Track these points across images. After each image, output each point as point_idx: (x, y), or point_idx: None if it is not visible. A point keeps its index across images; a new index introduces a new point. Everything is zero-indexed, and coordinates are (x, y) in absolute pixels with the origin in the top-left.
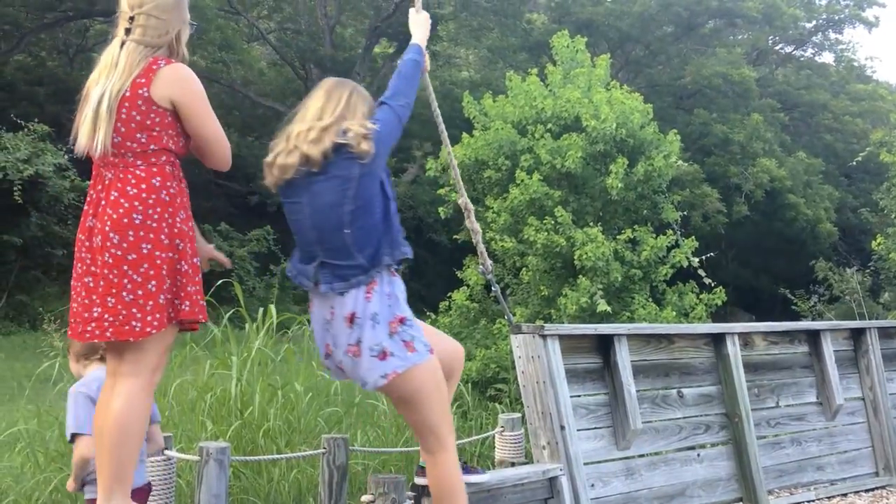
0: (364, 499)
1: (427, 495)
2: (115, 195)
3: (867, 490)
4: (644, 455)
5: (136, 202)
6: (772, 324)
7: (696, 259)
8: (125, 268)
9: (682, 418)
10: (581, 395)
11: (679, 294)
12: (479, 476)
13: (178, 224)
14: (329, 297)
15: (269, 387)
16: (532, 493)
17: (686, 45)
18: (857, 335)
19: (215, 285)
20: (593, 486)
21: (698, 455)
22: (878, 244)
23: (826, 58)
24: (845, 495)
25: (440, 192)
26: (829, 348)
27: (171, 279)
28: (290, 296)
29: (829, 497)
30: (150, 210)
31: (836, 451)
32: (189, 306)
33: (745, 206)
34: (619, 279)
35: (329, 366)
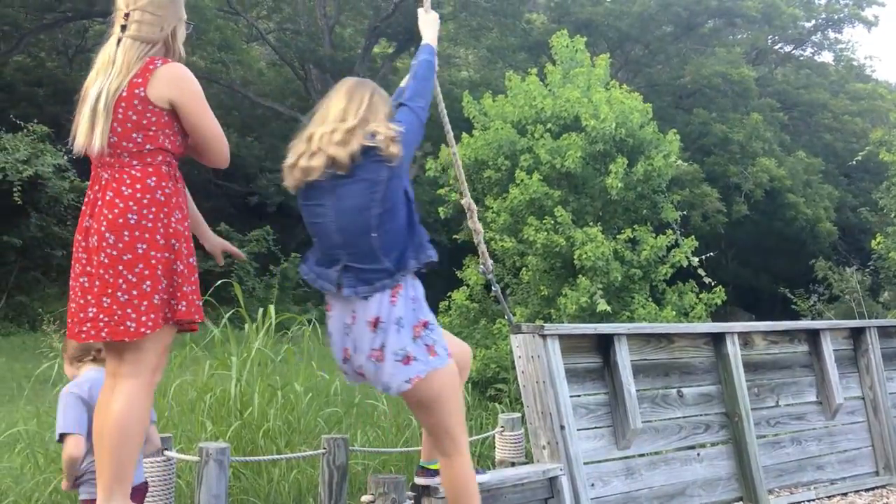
0: (364, 499)
1: (427, 495)
2: (110, 195)
3: (867, 489)
4: (644, 454)
5: (130, 202)
6: (771, 323)
7: (696, 259)
8: (120, 268)
9: (681, 418)
10: (581, 395)
11: (679, 294)
12: (479, 476)
13: (174, 224)
14: (351, 301)
15: (269, 387)
16: (532, 493)
17: (685, 44)
18: (857, 334)
19: (214, 285)
20: (593, 485)
21: (698, 454)
22: (878, 243)
23: (825, 57)
24: (845, 494)
25: (440, 192)
26: (828, 347)
27: (167, 279)
28: (290, 296)
29: (829, 496)
30: (145, 210)
31: (835, 451)
32: (185, 306)
33: (745, 205)
34: (619, 279)
35: (346, 370)
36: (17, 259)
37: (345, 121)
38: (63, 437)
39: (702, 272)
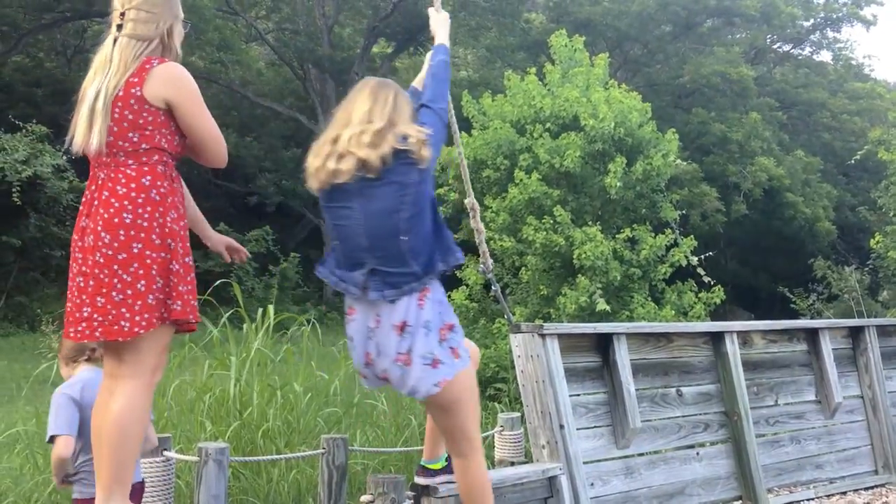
0: (363, 499)
1: (426, 495)
2: (106, 195)
3: (866, 488)
4: (643, 454)
5: (125, 201)
6: (770, 322)
7: (695, 258)
8: (115, 267)
9: (681, 417)
10: (580, 394)
11: (678, 293)
12: None
13: (170, 223)
14: (376, 305)
15: (268, 387)
16: (532, 493)
17: (684, 44)
18: (856, 333)
19: (214, 285)
20: (593, 485)
21: (697, 454)
22: (877, 242)
23: (824, 56)
24: (844, 493)
25: (439, 191)
26: (827, 346)
27: (162, 279)
28: (289, 296)
29: (828, 495)
30: (140, 209)
31: (835, 450)
32: (181, 306)
33: (744, 204)
34: (618, 278)
35: (366, 375)
36: (16, 259)
37: (371, 122)
38: (53, 438)
39: (701, 271)
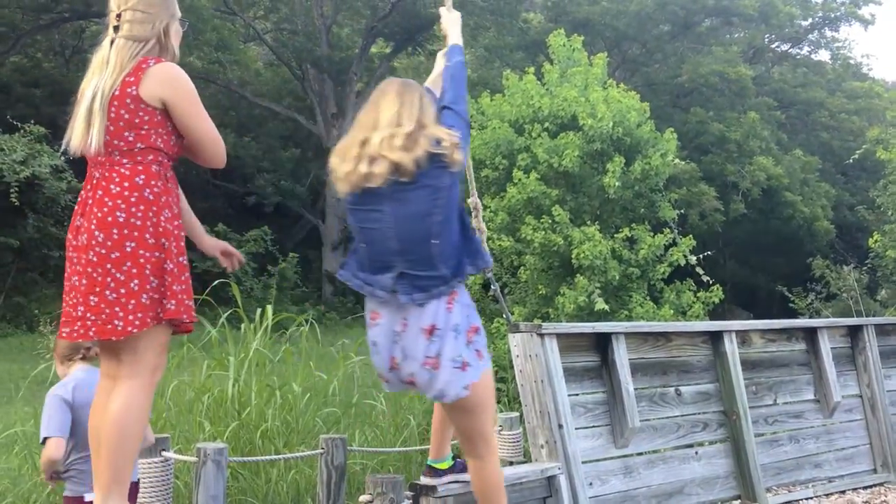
0: (362, 499)
1: (425, 494)
2: (100, 193)
3: (865, 487)
4: (642, 453)
5: (118, 200)
6: (769, 321)
7: (694, 257)
8: (108, 266)
9: (679, 416)
10: (579, 394)
11: (677, 292)
12: None
13: (164, 223)
14: (404, 309)
15: (267, 387)
16: (530, 492)
17: (682, 43)
18: (855, 332)
19: (212, 285)
20: (591, 484)
21: (696, 453)
22: (875, 241)
23: (822, 55)
24: (843, 492)
25: None
26: (826, 346)
27: (156, 278)
28: (288, 296)
29: (827, 494)
30: (133, 208)
31: (833, 449)
32: (175, 305)
33: (742, 204)
34: (617, 278)
35: (390, 379)
36: (14, 260)
37: (401, 125)
38: (45, 440)
39: (699, 271)
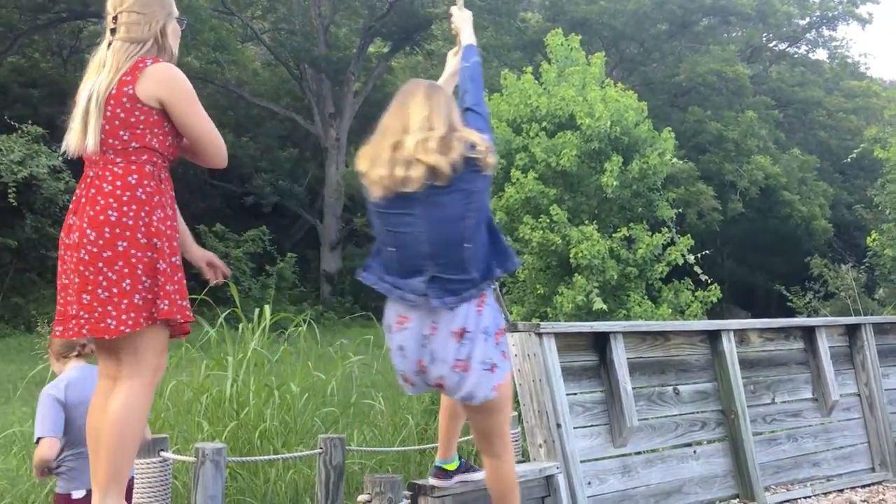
0: (360, 498)
1: (424, 494)
2: (93, 192)
3: (863, 486)
4: (640, 452)
5: (111, 199)
6: (767, 320)
7: (692, 256)
8: (100, 265)
9: (678, 415)
10: (577, 393)
11: (675, 291)
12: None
13: (156, 223)
14: (434, 312)
15: (266, 387)
16: (529, 492)
17: (680, 42)
18: (853, 331)
19: (210, 285)
20: (590, 483)
21: (695, 452)
22: (873, 240)
23: (820, 55)
24: (841, 491)
25: None
26: (824, 344)
27: (149, 278)
28: (286, 296)
29: (825, 493)
30: (126, 207)
31: (832, 447)
32: (168, 305)
33: (740, 203)
34: (615, 277)
35: (415, 382)
36: (12, 260)
37: (433, 129)
38: (39, 439)
39: (697, 270)
